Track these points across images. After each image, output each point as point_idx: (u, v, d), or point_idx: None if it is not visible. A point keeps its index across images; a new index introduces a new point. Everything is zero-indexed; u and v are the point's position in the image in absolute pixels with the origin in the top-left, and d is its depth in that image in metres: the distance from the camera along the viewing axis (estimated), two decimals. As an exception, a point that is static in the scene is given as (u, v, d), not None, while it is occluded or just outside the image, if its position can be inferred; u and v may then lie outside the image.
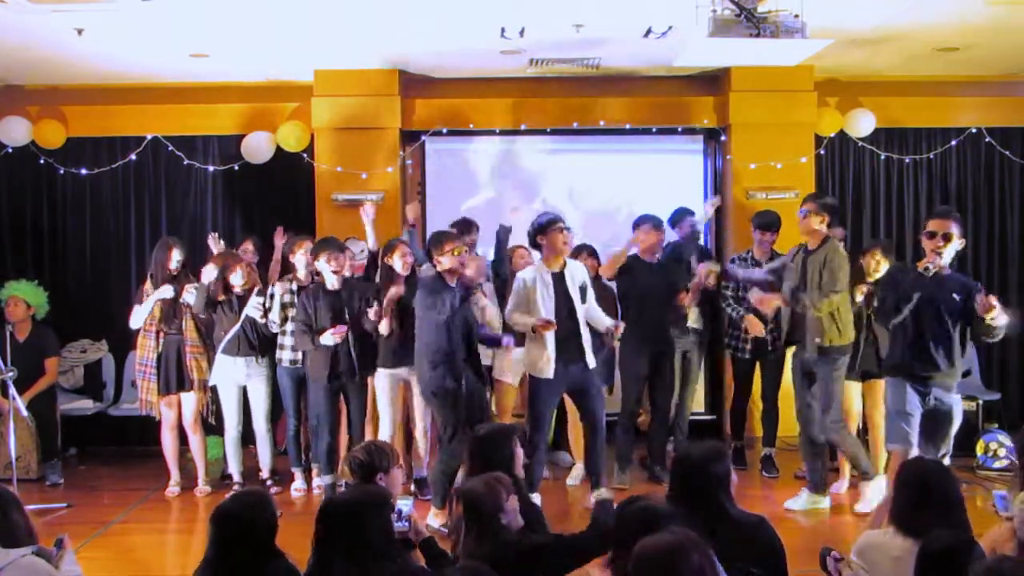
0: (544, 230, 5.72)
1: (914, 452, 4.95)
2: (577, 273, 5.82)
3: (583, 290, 5.78)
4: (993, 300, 4.81)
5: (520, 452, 3.97)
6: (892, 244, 7.05)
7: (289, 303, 6.28)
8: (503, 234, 6.52)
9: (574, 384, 5.79)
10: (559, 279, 5.72)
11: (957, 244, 5.02)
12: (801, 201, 5.96)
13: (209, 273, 6.40)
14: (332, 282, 6.07)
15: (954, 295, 4.97)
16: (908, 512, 3.14)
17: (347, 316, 6.02)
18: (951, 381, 5.09)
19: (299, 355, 6.27)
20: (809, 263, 5.69)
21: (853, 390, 6.04)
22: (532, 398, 5.82)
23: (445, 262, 5.60)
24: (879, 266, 5.89)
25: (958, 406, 5.18)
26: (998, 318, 4.82)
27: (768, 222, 6.63)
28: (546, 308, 5.63)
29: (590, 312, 5.84)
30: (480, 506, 3.28)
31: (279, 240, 6.82)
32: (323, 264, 6.06)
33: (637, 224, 6.57)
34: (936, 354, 5.00)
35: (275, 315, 6.30)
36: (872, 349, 5.95)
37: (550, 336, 5.62)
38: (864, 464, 5.79)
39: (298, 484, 6.49)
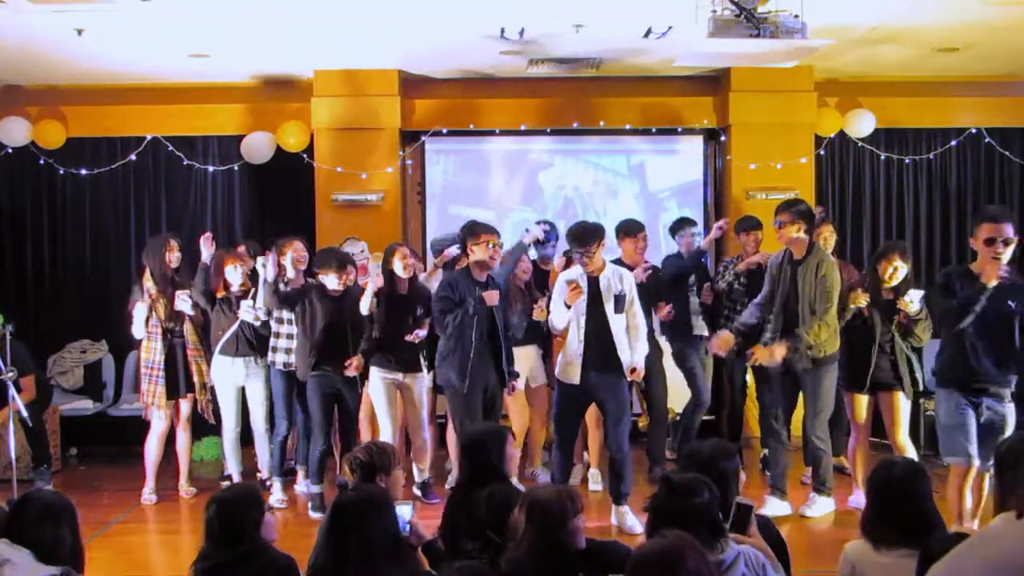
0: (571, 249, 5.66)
1: (976, 465, 4.76)
2: (615, 281, 5.53)
3: (619, 299, 5.52)
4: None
5: (515, 453, 3.94)
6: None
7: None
8: (518, 252, 6.21)
9: (600, 395, 5.60)
10: (594, 282, 5.52)
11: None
12: (775, 211, 5.78)
13: (207, 255, 6.25)
14: (334, 288, 5.95)
15: (1009, 302, 4.69)
16: (878, 523, 3.13)
17: (344, 321, 5.91)
18: (1004, 390, 4.82)
19: (292, 358, 6.15)
20: (800, 274, 5.58)
21: (862, 403, 5.80)
22: (556, 404, 5.70)
23: (478, 252, 5.49)
24: (896, 273, 5.54)
25: (1011, 415, 4.85)
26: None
27: (748, 226, 6.64)
28: (577, 308, 5.46)
29: (629, 331, 5.58)
30: (544, 513, 3.14)
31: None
32: (331, 278, 5.89)
33: (618, 233, 6.45)
34: (988, 364, 4.74)
35: (260, 300, 6.10)
36: (888, 361, 5.65)
37: (579, 339, 5.47)
38: (828, 479, 5.79)
39: (279, 495, 6.25)
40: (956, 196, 8.28)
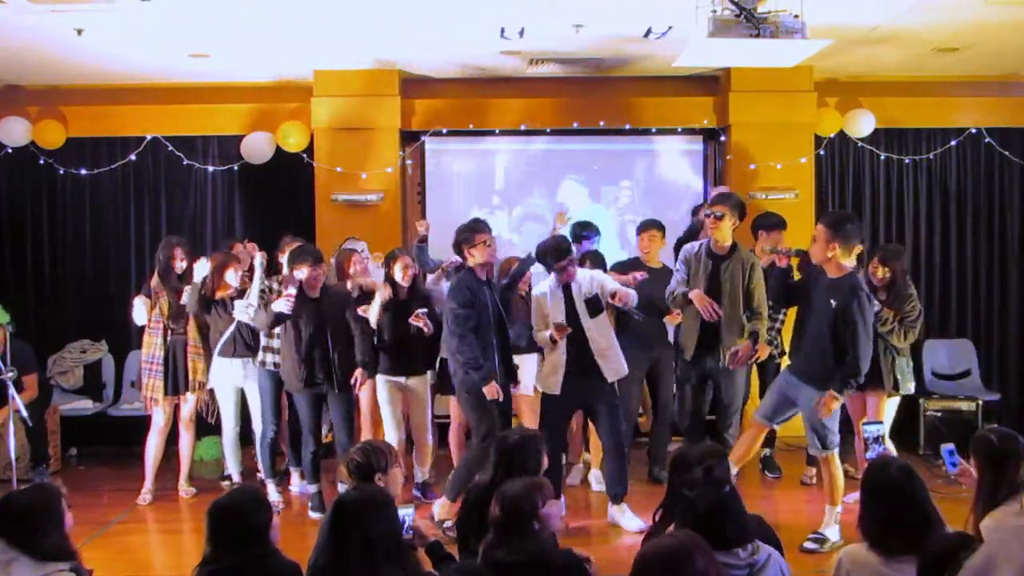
0: (550, 260, 5.58)
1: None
2: (584, 284, 5.60)
3: (591, 301, 5.55)
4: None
5: (545, 460, 4.06)
6: (900, 249, 6.72)
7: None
8: (527, 265, 6.06)
9: (586, 401, 5.66)
10: (567, 291, 5.57)
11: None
12: (711, 201, 5.93)
13: (202, 269, 6.32)
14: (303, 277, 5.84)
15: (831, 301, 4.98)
16: (880, 529, 3.04)
17: (326, 323, 5.87)
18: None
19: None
20: (724, 271, 5.72)
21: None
22: (541, 414, 5.71)
23: (477, 256, 5.50)
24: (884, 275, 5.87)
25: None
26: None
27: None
28: (555, 320, 5.50)
29: (604, 285, 5.57)
30: (517, 508, 3.24)
31: (253, 252, 6.40)
32: (304, 273, 5.83)
33: (639, 230, 6.59)
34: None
35: (254, 297, 6.03)
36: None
37: (561, 349, 5.50)
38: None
39: (274, 497, 6.15)
40: (956, 196, 8.26)
